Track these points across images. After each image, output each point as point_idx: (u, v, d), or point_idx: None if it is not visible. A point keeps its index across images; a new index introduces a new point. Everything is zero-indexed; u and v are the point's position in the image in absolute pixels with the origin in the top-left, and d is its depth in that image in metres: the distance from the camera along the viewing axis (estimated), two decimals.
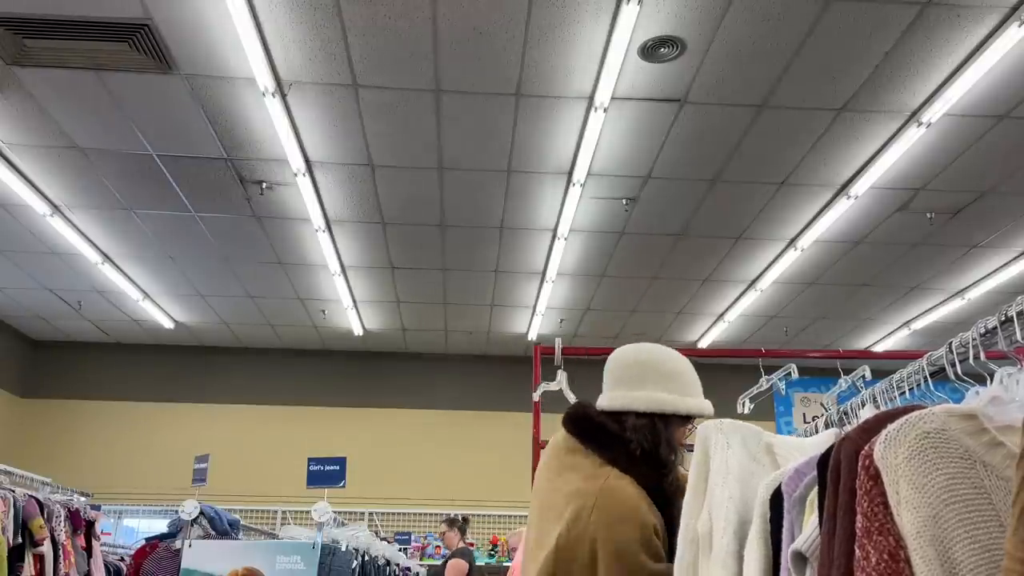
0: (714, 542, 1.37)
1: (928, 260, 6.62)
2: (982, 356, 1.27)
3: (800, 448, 1.45)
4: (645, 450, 1.65)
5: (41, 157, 5.23)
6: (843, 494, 1.00)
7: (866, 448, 0.98)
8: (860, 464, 0.97)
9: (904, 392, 1.53)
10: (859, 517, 0.94)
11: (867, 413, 1.52)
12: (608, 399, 1.74)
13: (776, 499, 1.24)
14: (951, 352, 1.34)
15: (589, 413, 1.75)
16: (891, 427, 0.96)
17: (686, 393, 1.76)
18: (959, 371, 1.33)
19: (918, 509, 0.89)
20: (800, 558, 1.11)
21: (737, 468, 1.43)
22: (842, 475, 1.01)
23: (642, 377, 1.75)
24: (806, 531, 1.12)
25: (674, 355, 1.83)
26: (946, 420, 0.95)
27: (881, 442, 0.96)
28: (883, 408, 1.50)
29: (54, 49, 4.16)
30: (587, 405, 1.79)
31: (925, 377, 1.46)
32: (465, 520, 6.78)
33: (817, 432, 1.84)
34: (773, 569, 1.23)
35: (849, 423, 1.71)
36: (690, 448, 1.73)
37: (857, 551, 0.93)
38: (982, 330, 1.24)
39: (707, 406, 1.80)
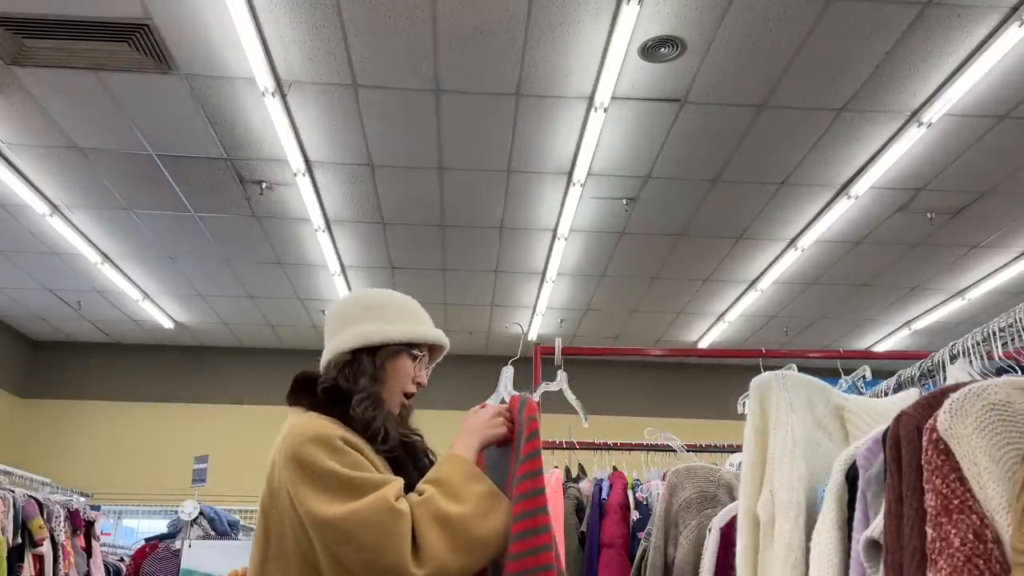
0: (777, 529, 1.16)
1: (928, 260, 6.62)
2: None
3: (876, 412, 1.24)
4: (339, 386, 1.54)
5: (41, 157, 5.23)
6: (907, 472, 0.90)
7: (929, 422, 0.89)
8: (926, 439, 0.88)
9: (1006, 343, 1.24)
10: (930, 495, 0.84)
11: (958, 370, 1.28)
12: (322, 359, 1.62)
13: (853, 479, 1.07)
14: None
15: (303, 374, 1.63)
16: (954, 397, 0.88)
17: (398, 321, 1.61)
18: None
19: (1001, 481, 0.80)
20: (875, 547, 0.97)
21: (803, 439, 1.19)
22: (904, 452, 0.91)
23: (346, 320, 1.62)
24: (881, 516, 0.96)
25: (387, 292, 1.69)
26: (1010, 392, 0.87)
27: (946, 413, 0.87)
28: (975, 363, 1.27)
29: (54, 49, 4.16)
30: (310, 370, 1.65)
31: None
32: None
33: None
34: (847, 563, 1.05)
35: (932, 381, 1.40)
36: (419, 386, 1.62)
37: (931, 532, 0.83)
38: None
39: (428, 331, 1.64)
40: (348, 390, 1.54)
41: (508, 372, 1.80)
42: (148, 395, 8.96)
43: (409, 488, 1.49)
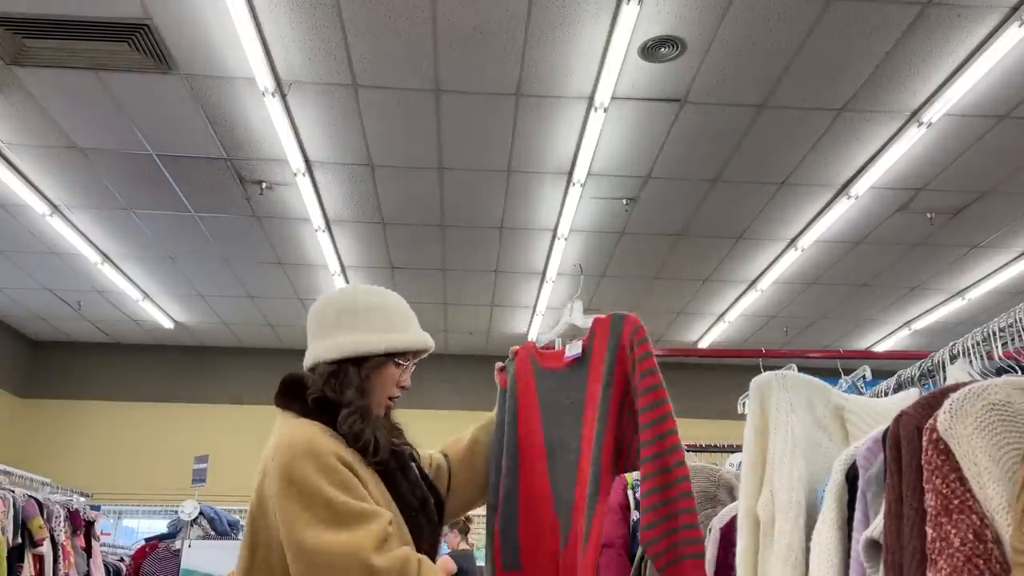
0: (777, 529, 1.16)
1: (928, 260, 6.62)
2: None
3: (876, 412, 1.24)
4: (327, 396, 1.52)
5: (41, 157, 5.23)
6: (907, 472, 0.90)
7: (929, 422, 0.89)
8: (926, 439, 0.88)
9: (1006, 343, 1.24)
10: (930, 495, 0.84)
11: (958, 370, 1.29)
12: (305, 357, 1.60)
13: (853, 479, 1.07)
14: None
15: (292, 377, 1.60)
16: (954, 396, 0.88)
17: (382, 329, 1.59)
18: None
19: (1001, 481, 0.80)
20: (875, 547, 0.96)
21: (803, 439, 1.19)
22: (904, 452, 0.91)
23: (332, 323, 1.59)
24: (881, 516, 0.96)
25: (371, 293, 1.64)
26: (1010, 392, 0.87)
27: (946, 413, 0.87)
28: (975, 363, 1.28)
29: (54, 49, 4.16)
30: (298, 372, 1.63)
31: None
32: (467, 521, 6.76)
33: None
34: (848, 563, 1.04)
35: (932, 381, 1.41)
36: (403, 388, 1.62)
37: (931, 532, 0.83)
38: None
39: (413, 339, 1.63)
40: (336, 400, 1.53)
41: (576, 304, 1.73)
42: (148, 395, 8.96)
43: (400, 496, 1.49)
